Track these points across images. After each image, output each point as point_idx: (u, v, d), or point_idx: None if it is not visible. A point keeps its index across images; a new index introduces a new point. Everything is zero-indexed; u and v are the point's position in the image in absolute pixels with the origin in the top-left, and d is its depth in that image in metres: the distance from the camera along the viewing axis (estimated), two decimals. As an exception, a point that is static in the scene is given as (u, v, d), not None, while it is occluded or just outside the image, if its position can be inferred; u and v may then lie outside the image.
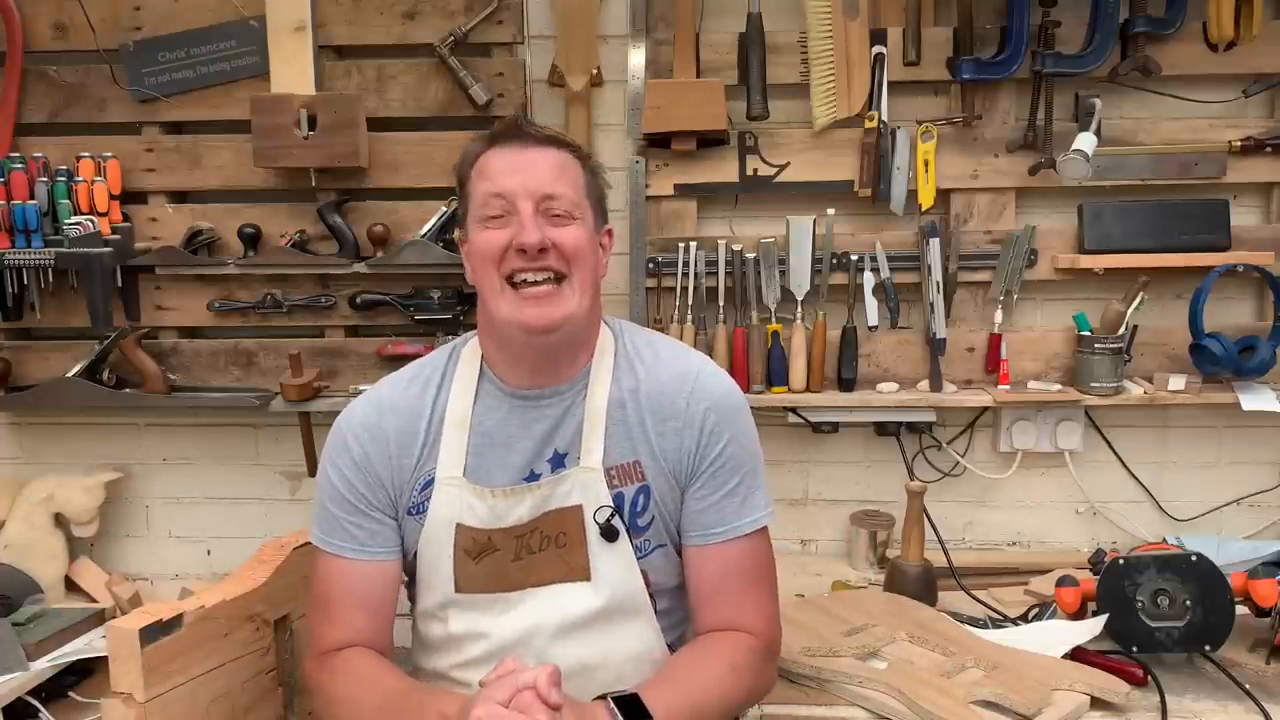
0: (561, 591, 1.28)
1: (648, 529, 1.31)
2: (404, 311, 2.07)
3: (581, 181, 1.29)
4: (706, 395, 1.31)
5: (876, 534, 2.09)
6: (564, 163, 1.27)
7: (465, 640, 1.30)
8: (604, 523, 1.27)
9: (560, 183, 1.25)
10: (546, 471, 1.30)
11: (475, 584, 1.29)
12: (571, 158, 1.29)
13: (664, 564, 1.32)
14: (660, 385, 1.32)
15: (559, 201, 1.24)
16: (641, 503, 1.30)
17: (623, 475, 1.29)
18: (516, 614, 1.29)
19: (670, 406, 1.30)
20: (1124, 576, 1.58)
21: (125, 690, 1.28)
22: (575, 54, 2.05)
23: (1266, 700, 1.45)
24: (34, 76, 2.07)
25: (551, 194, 1.24)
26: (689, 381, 1.32)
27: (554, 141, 1.28)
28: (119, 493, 2.22)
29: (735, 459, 1.31)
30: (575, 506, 1.28)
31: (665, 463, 1.30)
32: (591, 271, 1.28)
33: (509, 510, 1.28)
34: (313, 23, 2.00)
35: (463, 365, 1.35)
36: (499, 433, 1.31)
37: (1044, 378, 2.09)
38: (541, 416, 1.31)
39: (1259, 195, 2.09)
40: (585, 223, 1.27)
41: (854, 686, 1.47)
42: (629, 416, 1.30)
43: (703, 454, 1.30)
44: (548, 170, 1.25)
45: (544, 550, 1.29)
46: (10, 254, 1.97)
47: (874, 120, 2.00)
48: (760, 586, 1.33)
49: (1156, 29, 1.95)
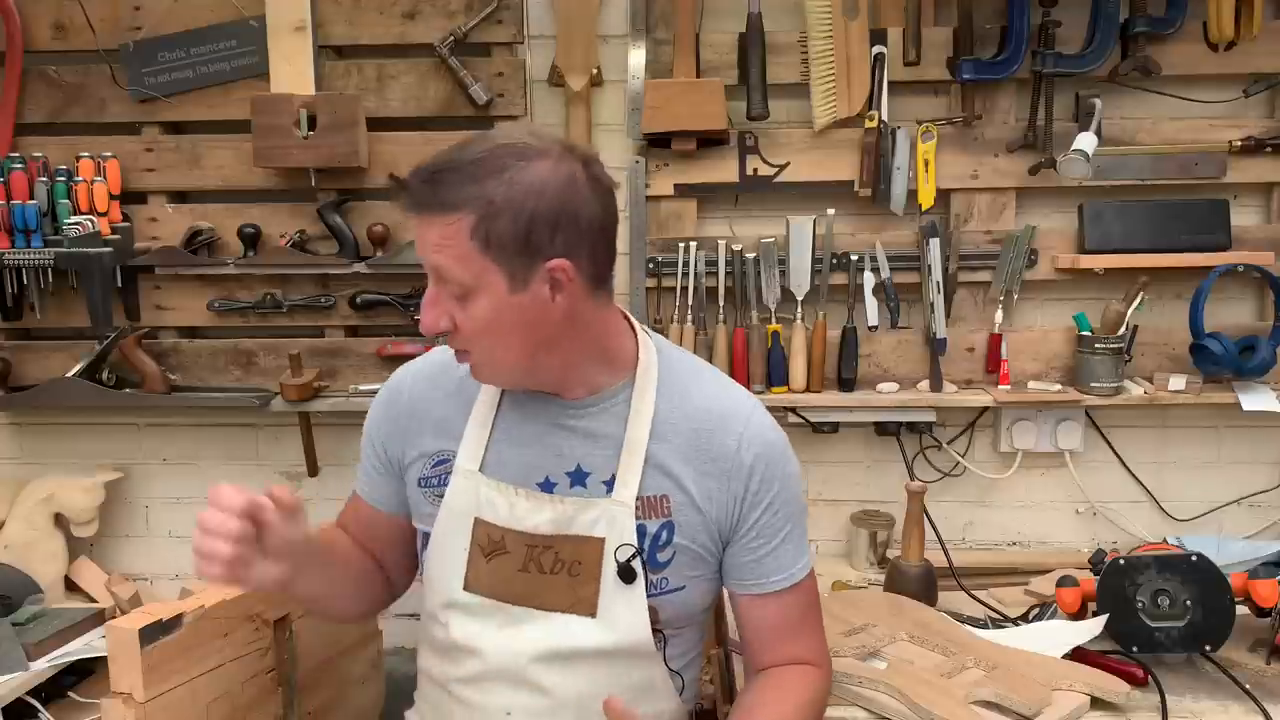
0: (564, 622, 1.24)
1: (666, 566, 1.25)
2: (404, 311, 2.07)
3: (471, 246, 1.09)
4: (759, 441, 1.25)
5: (876, 534, 2.09)
6: (449, 233, 1.09)
7: (463, 653, 1.28)
8: (624, 562, 1.22)
9: (444, 258, 1.10)
10: (564, 484, 1.25)
11: (482, 585, 1.27)
12: (461, 219, 1.08)
13: (677, 605, 1.28)
14: (710, 423, 1.25)
15: (447, 280, 1.12)
16: (664, 538, 1.24)
17: (648, 508, 1.24)
18: (514, 633, 1.25)
19: (719, 447, 1.24)
20: (1124, 576, 1.58)
21: (125, 690, 1.28)
22: (575, 54, 2.05)
23: (1266, 700, 1.44)
24: (34, 76, 2.07)
25: (440, 277, 1.12)
26: (740, 423, 1.25)
27: (439, 206, 1.09)
28: (119, 493, 2.22)
29: (787, 506, 1.27)
30: (598, 539, 1.22)
31: (704, 503, 1.24)
32: (509, 334, 1.14)
33: (529, 514, 1.24)
34: (312, 22, 2.00)
35: None
36: (520, 429, 1.27)
37: (1044, 378, 2.09)
38: (564, 426, 1.25)
39: (1259, 195, 2.09)
40: (487, 292, 1.11)
41: (854, 686, 1.47)
42: (668, 450, 1.24)
43: (754, 501, 1.25)
44: (432, 246, 1.11)
45: (555, 574, 1.24)
46: (10, 254, 1.97)
47: (874, 120, 2.00)
48: (816, 622, 1.34)
49: (1156, 29, 1.95)
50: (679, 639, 1.31)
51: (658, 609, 1.26)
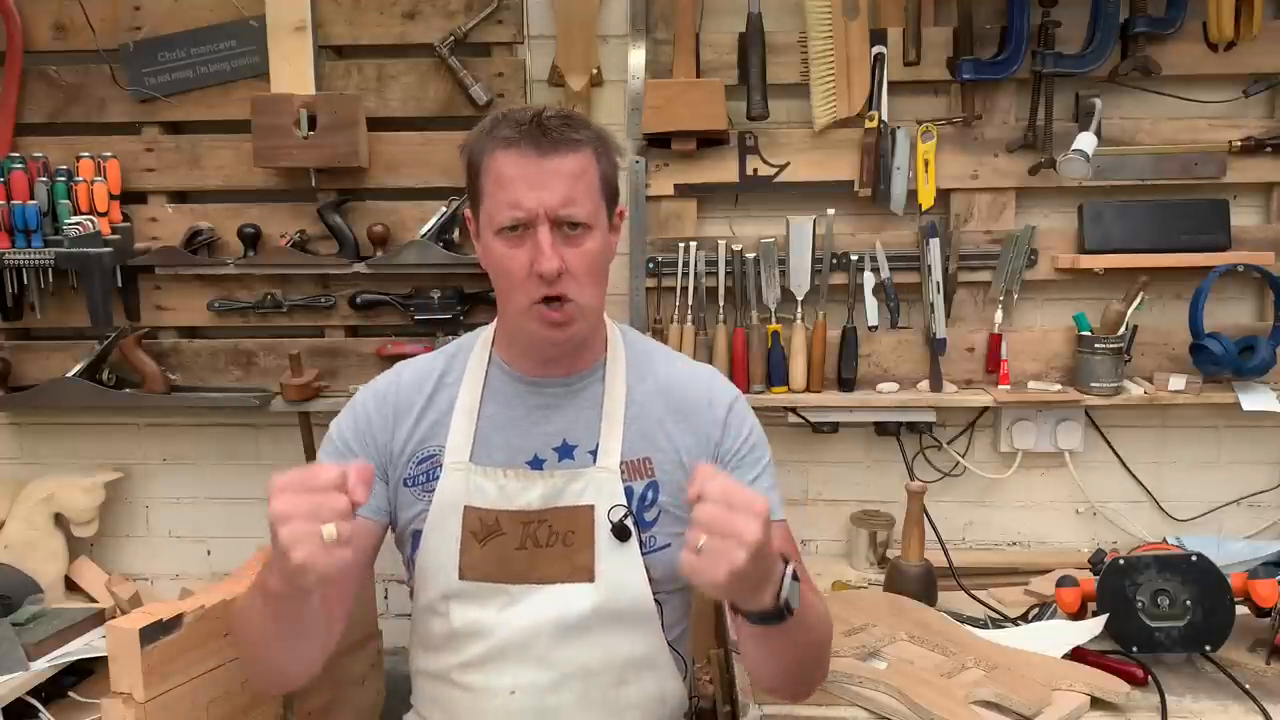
0: (563, 592, 1.29)
1: (653, 524, 1.33)
2: (404, 311, 2.07)
3: (597, 181, 1.24)
4: (725, 395, 1.39)
5: (876, 534, 2.09)
6: (581, 167, 1.21)
7: (466, 638, 1.30)
8: (617, 521, 1.29)
9: (577, 193, 1.20)
10: (553, 460, 1.32)
11: (479, 570, 1.29)
12: (590, 156, 1.23)
13: (666, 564, 1.32)
14: (681, 386, 1.38)
15: (575, 213, 1.21)
16: (650, 497, 1.33)
17: (632, 471, 1.33)
18: (517, 611, 1.28)
19: (692, 405, 1.37)
20: (1124, 576, 1.58)
21: (125, 690, 1.28)
22: (575, 54, 2.05)
23: (1266, 700, 1.44)
24: (34, 76, 2.07)
25: (569, 210, 1.20)
26: (705, 384, 1.40)
27: (572, 143, 1.21)
28: (119, 493, 2.22)
29: (757, 447, 1.38)
30: (588, 506, 1.30)
31: (684, 455, 1.34)
32: (602, 275, 1.28)
33: (519, 493, 1.30)
34: (313, 22, 2.00)
35: (474, 354, 1.39)
36: (503, 415, 1.33)
37: (1044, 378, 2.09)
38: (548, 404, 1.34)
39: (1259, 195, 2.09)
40: (600, 227, 1.25)
41: (854, 686, 1.47)
42: (646, 414, 1.35)
43: (729, 444, 1.36)
44: (565, 183, 1.20)
45: (550, 546, 1.29)
46: (10, 254, 1.97)
47: (874, 120, 2.00)
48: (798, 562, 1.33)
49: (1156, 29, 1.94)
50: (669, 605, 1.36)
51: (649, 567, 1.31)
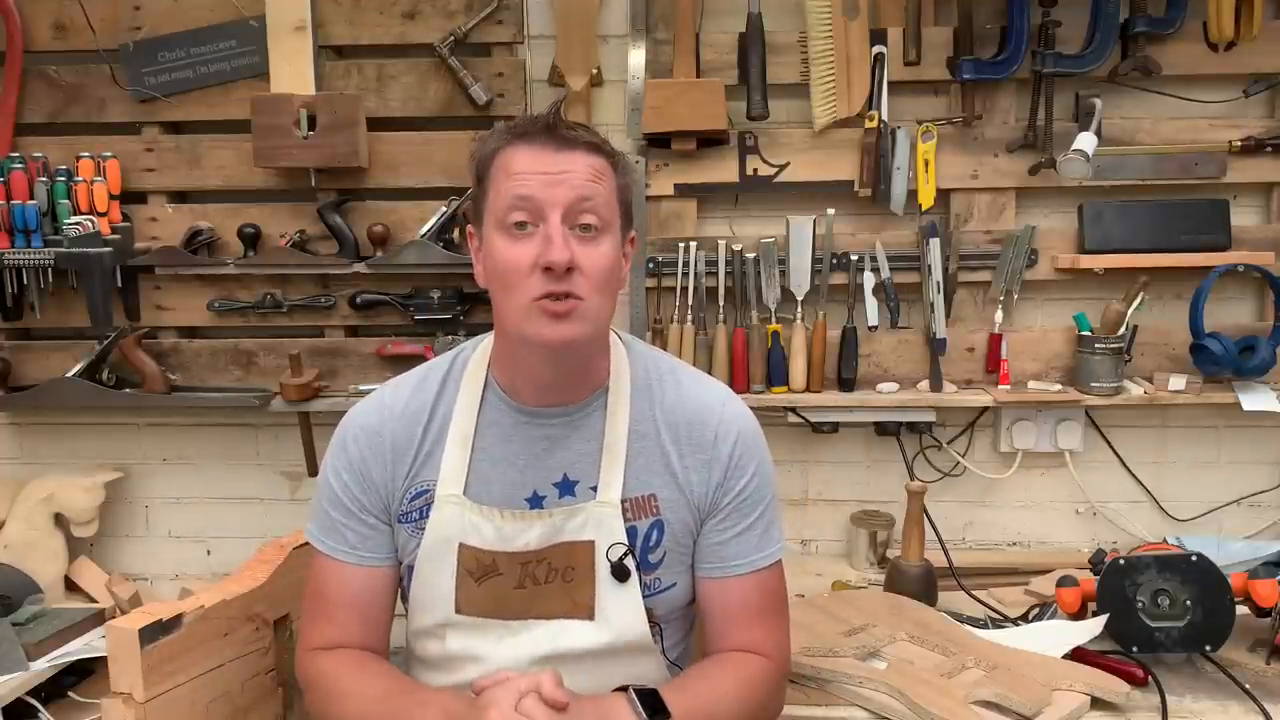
0: (563, 627, 1.24)
1: (658, 566, 1.27)
2: (404, 311, 2.07)
3: (615, 190, 1.19)
4: (734, 428, 1.28)
5: (876, 534, 2.09)
6: (599, 170, 1.17)
7: (462, 661, 1.27)
8: (616, 561, 1.23)
9: (593, 192, 1.15)
10: (553, 496, 1.25)
11: (476, 607, 1.25)
12: (608, 165, 1.19)
13: (671, 602, 1.29)
14: (687, 416, 1.27)
15: (591, 214, 1.15)
16: (655, 538, 1.26)
17: (637, 509, 1.25)
18: (515, 642, 1.25)
19: (698, 439, 1.27)
20: (1124, 576, 1.58)
21: (125, 690, 1.28)
22: (575, 54, 2.05)
23: (1266, 700, 1.45)
24: (34, 76, 2.07)
25: (584, 207, 1.14)
26: (715, 413, 1.28)
27: (590, 146, 1.17)
28: (119, 493, 2.22)
29: (758, 492, 1.28)
30: (588, 542, 1.23)
31: (688, 495, 1.26)
32: (612, 285, 1.19)
33: (517, 535, 1.24)
34: (313, 22, 2.00)
35: (468, 376, 1.28)
36: (501, 449, 1.26)
37: (1044, 378, 2.09)
38: (548, 436, 1.25)
39: (1259, 195, 2.09)
40: (613, 237, 1.18)
41: (854, 686, 1.47)
42: (650, 448, 1.26)
43: (728, 488, 1.27)
44: (582, 179, 1.15)
45: (550, 583, 1.24)
46: (10, 254, 1.97)
47: (874, 120, 2.00)
48: (775, 616, 1.31)
49: (1156, 29, 1.95)
50: (671, 628, 1.33)
51: (653, 608, 1.27)
